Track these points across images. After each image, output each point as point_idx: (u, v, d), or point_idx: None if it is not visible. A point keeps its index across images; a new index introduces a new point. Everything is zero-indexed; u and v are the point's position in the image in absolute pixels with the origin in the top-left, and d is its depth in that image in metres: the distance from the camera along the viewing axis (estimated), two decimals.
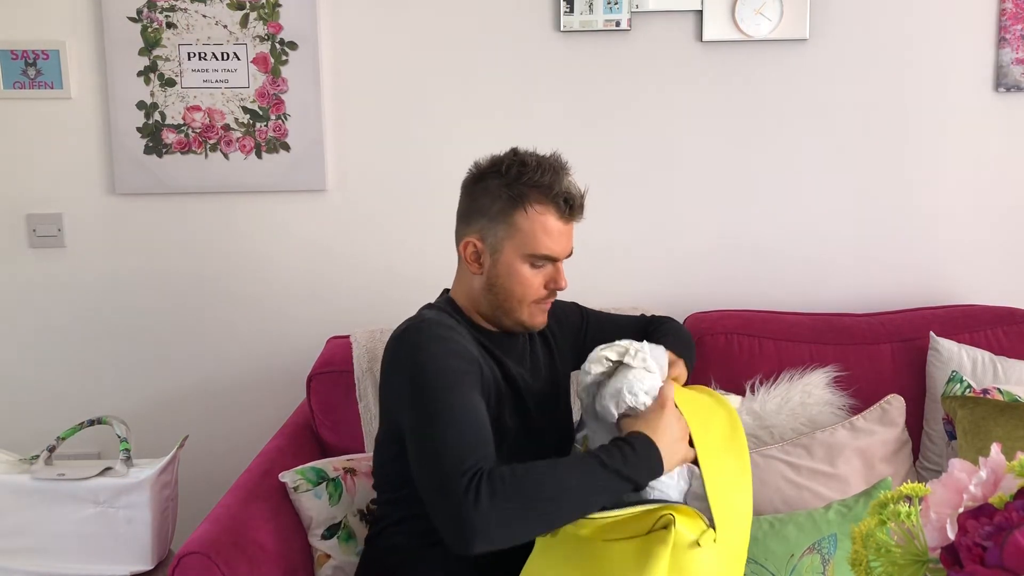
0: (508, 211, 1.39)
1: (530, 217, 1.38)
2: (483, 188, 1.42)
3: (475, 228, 1.43)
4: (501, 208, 1.40)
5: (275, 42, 2.14)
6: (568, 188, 1.40)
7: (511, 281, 1.41)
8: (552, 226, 1.39)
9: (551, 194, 1.38)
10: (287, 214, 2.22)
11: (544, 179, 1.38)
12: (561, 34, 2.14)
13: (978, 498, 0.74)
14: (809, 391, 1.87)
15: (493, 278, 1.42)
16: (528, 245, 1.39)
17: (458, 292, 1.50)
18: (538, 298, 1.43)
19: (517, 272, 1.40)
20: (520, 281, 1.41)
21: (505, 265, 1.41)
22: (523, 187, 1.38)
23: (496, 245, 1.41)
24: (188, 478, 1.97)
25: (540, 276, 1.42)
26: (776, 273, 2.21)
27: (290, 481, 1.65)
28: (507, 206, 1.39)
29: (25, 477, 1.73)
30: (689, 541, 1.22)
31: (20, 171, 2.20)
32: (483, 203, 1.42)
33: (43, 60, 2.15)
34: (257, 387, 2.26)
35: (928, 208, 2.19)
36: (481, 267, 1.43)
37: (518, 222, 1.39)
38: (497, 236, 1.40)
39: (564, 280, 1.44)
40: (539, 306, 1.44)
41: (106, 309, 2.24)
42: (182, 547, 1.41)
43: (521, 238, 1.39)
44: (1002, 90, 2.14)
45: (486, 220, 1.41)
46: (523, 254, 1.40)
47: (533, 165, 1.39)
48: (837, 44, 2.14)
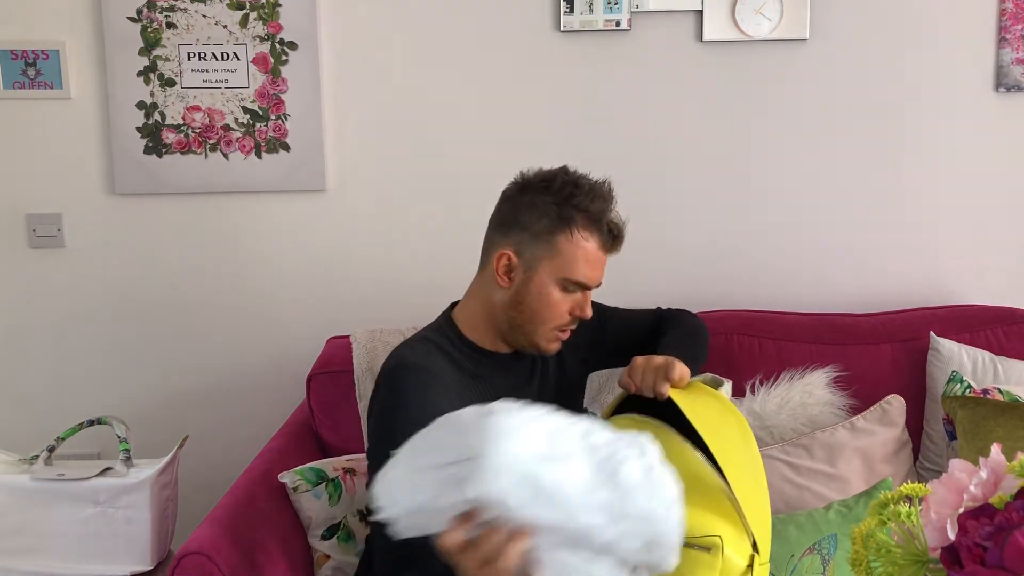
0: (552, 231, 1.36)
1: (574, 241, 1.36)
2: (529, 202, 1.38)
3: (512, 240, 1.39)
4: (546, 226, 1.36)
5: (275, 42, 2.14)
6: (615, 218, 1.39)
7: (540, 302, 1.38)
8: (593, 255, 1.38)
9: (600, 222, 1.37)
10: (287, 214, 2.22)
11: (594, 205, 1.36)
12: (561, 34, 2.14)
13: (978, 498, 0.74)
14: (809, 391, 1.87)
15: (522, 295, 1.39)
16: (566, 269, 1.37)
17: (469, 306, 1.46)
18: (561, 324, 1.41)
19: (548, 294, 1.38)
20: (548, 304, 1.38)
21: (537, 284, 1.38)
22: (572, 210, 1.36)
23: (532, 263, 1.38)
24: (188, 478, 1.97)
25: (568, 302, 1.39)
26: (776, 273, 2.21)
27: (289, 481, 1.65)
28: (553, 225, 1.36)
29: (25, 477, 1.73)
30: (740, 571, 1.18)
31: (20, 171, 2.20)
32: (527, 217, 1.38)
33: (43, 60, 2.15)
34: (257, 387, 2.26)
35: (928, 208, 2.19)
36: (511, 281, 1.39)
37: (560, 244, 1.36)
38: (535, 254, 1.37)
39: (590, 309, 1.42)
40: (559, 332, 1.42)
41: (106, 309, 2.24)
42: (182, 547, 1.41)
43: (560, 261, 1.36)
44: (1002, 90, 2.14)
45: (527, 235, 1.38)
46: (558, 277, 1.37)
47: (586, 189, 1.37)
48: (837, 44, 2.14)
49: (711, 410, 1.34)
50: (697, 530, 1.20)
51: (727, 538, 1.20)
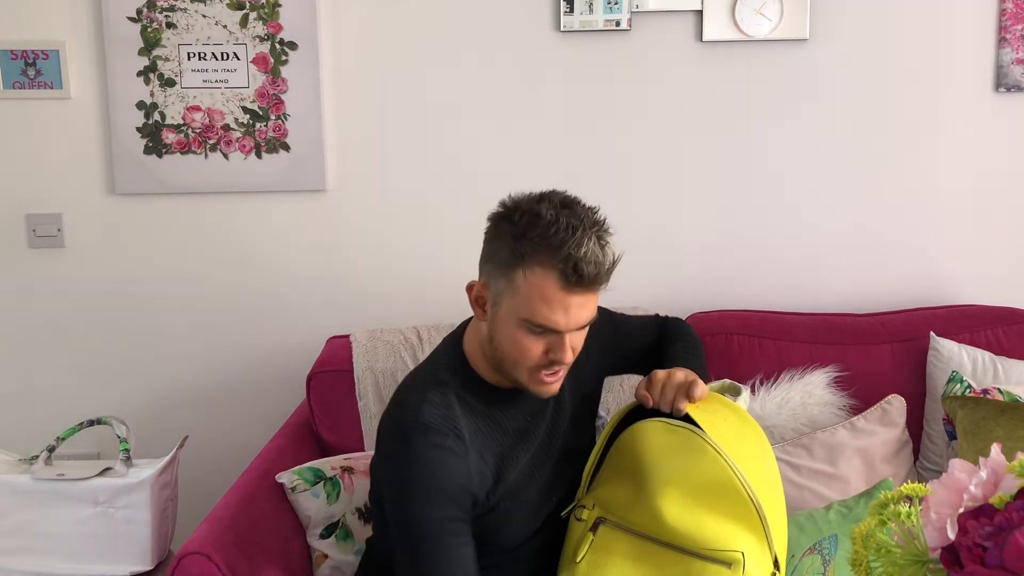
0: (510, 266, 1.23)
1: (528, 280, 1.21)
2: (497, 232, 1.26)
3: (484, 272, 1.29)
4: (504, 260, 1.24)
5: (275, 42, 2.14)
6: (581, 253, 1.19)
7: (508, 342, 1.26)
8: (552, 295, 1.21)
9: (556, 258, 1.19)
10: (287, 214, 2.22)
11: (555, 238, 1.19)
12: (561, 34, 2.14)
13: (978, 498, 0.74)
14: (809, 391, 1.87)
15: (493, 332, 1.28)
16: (523, 309, 1.22)
17: (472, 338, 1.37)
18: (537, 365, 1.27)
19: (512, 335, 1.25)
20: (515, 345, 1.25)
21: (502, 322, 1.26)
22: (528, 243, 1.21)
23: (497, 298, 1.26)
24: (188, 478, 1.97)
25: (540, 343, 1.25)
26: (776, 273, 2.21)
27: (288, 481, 1.65)
28: (510, 260, 1.23)
29: (25, 477, 1.73)
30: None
31: (20, 171, 2.20)
32: (494, 247, 1.27)
33: (43, 60, 2.15)
34: (257, 387, 2.26)
35: (928, 208, 2.19)
36: (485, 314, 1.30)
37: (516, 281, 1.22)
38: (499, 288, 1.25)
39: (566, 354, 1.25)
40: (542, 375, 1.28)
41: (106, 309, 2.24)
42: (182, 547, 1.41)
43: (518, 300, 1.23)
44: (1002, 90, 2.14)
45: (492, 267, 1.27)
46: (518, 317, 1.23)
47: (548, 220, 1.20)
48: (837, 44, 2.14)
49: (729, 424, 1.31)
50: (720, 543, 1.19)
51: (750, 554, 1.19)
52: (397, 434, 1.29)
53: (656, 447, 1.27)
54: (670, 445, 1.27)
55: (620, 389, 1.91)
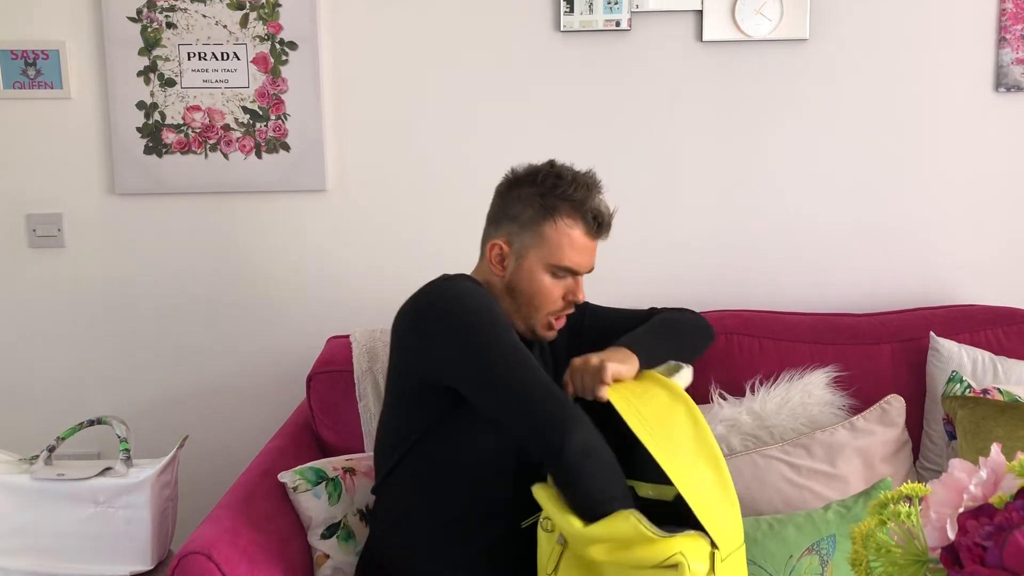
0: (538, 220, 1.45)
1: (559, 229, 1.45)
2: (516, 195, 1.48)
3: (503, 232, 1.49)
4: (531, 216, 1.46)
5: (275, 42, 2.14)
6: (599, 206, 1.47)
7: (532, 288, 1.46)
8: (578, 240, 1.46)
9: (582, 209, 1.45)
10: (287, 214, 2.22)
11: (577, 194, 1.45)
12: (561, 34, 2.14)
13: (978, 498, 0.74)
14: (809, 391, 1.87)
15: (515, 282, 1.47)
16: (553, 256, 1.45)
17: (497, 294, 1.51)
18: (555, 309, 1.48)
19: (538, 280, 1.46)
20: (540, 289, 1.46)
21: (527, 271, 1.46)
22: (555, 199, 1.44)
23: (522, 251, 1.47)
24: (188, 478, 1.97)
25: (560, 287, 1.47)
26: (776, 273, 2.21)
27: (289, 481, 1.65)
28: (538, 215, 1.45)
29: (25, 477, 1.73)
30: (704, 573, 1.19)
31: (20, 171, 2.20)
32: (515, 209, 1.47)
33: (43, 60, 2.15)
34: (257, 387, 2.26)
35: (928, 208, 2.19)
36: (504, 270, 1.48)
37: (546, 232, 1.45)
38: (524, 243, 1.46)
39: (582, 293, 1.50)
40: (553, 319, 1.49)
41: (106, 309, 2.24)
42: (182, 547, 1.41)
43: (548, 248, 1.45)
44: (1002, 90, 2.14)
45: (516, 226, 1.47)
46: (546, 263, 1.45)
47: (568, 179, 1.46)
48: (837, 44, 2.14)
49: (655, 404, 1.34)
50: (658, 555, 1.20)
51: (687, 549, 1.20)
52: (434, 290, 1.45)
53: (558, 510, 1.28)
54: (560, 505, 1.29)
55: None
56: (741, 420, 1.83)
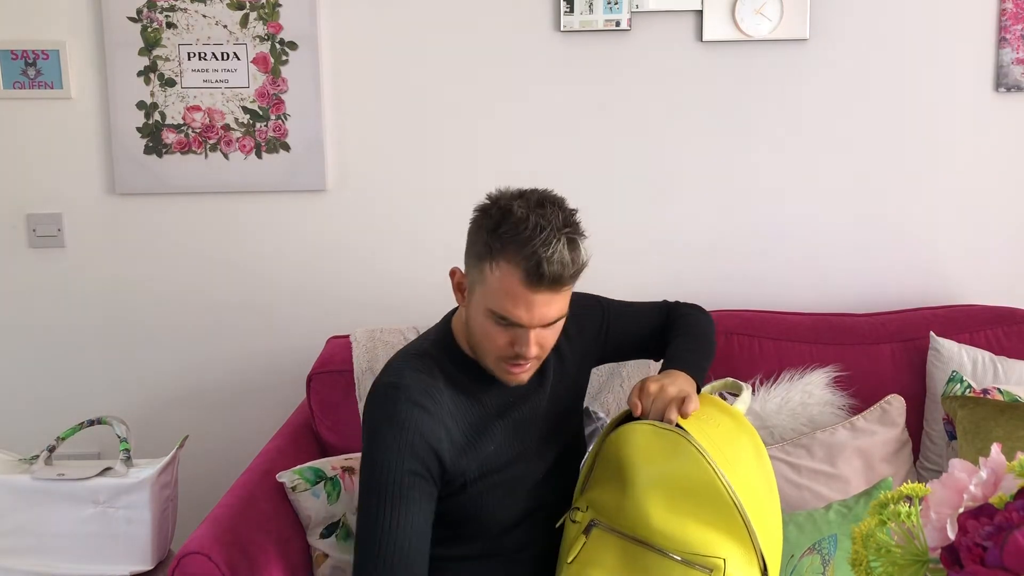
0: (481, 258, 1.29)
1: (495, 273, 1.26)
2: (477, 224, 1.32)
3: (465, 259, 1.36)
4: (478, 252, 1.30)
5: (275, 42, 2.14)
6: (548, 253, 1.22)
7: (476, 327, 1.33)
8: (515, 291, 1.25)
9: (520, 255, 1.23)
10: (287, 214, 2.22)
11: (521, 236, 1.23)
12: (561, 34, 2.14)
13: (978, 498, 0.74)
14: (809, 391, 1.87)
15: (468, 318, 1.35)
16: (489, 300, 1.28)
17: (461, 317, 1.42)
18: (503, 355, 1.32)
19: (481, 323, 1.31)
20: (483, 333, 1.31)
21: (474, 309, 1.32)
22: (497, 239, 1.25)
23: (472, 287, 1.33)
24: (188, 478, 1.97)
25: (505, 335, 1.29)
26: (776, 273, 2.21)
27: (288, 481, 1.65)
28: (481, 252, 1.28)
29: (25, 477, 1.73)
30: None
31: (20, 171, 2.20)
32: (472, 239, 1.33)
33: (43, 60, 2.15)
34: (257, 387, 2.26)
35: (928, 208, 2.19)
36: (464, 299, 1.36)
37: (485, 274, 1.28)
38: (472, 279, 1.32)
39: (530, 349, 1.29)
40: (508, 365, 1.33)
41: (106, 309, 2.24)
42: (182, 547, 1.41)
43: (485, 291, 1.28)
44: (1002, 90, 2.14)
45: (469, 257, 1.33)
46: (485, 307, 1.29)
47: (518, 217, 1.24)
48: (837, 44, 2.14)
49: (721, 430, 1.31)
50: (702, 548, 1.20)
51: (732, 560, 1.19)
52: (376, 393, 1.36)
53: (643, 450, 1.28)
54: (657, 448, 1.27)
55: (621, 390, 1.91)
56: None
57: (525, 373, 1.35)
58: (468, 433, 1.37)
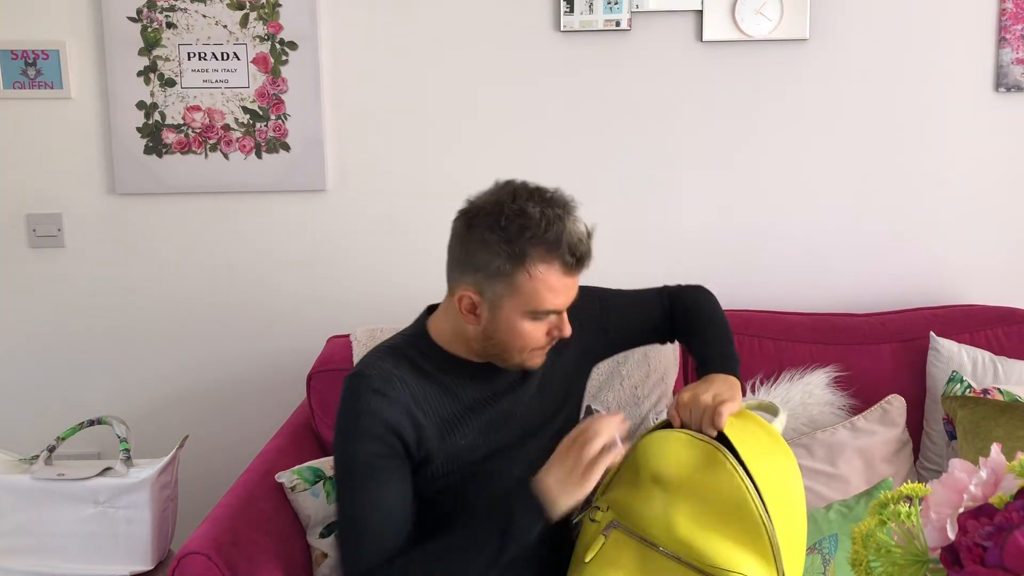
0: (508, 271, 1.27)
1: (534, 277, 1.27)
2: (480, 240, 1.29)
3: (470, 280, 1.31)
4: (500, 267, 1.27)
5: (275, 42, 2.14)
6: (574, 237, 1.27)
7: (511, 335, 1.32)
8: (557, 283, 1.28)
9: (557, 251, 1.26)
10: (287, 214, 2.22)
11: (549, 234, 1.26)
12: (561, 34, 2.14)
13: (978, 498, 0.74)
14: (809, 391, 1.87)
15: (491, 331, 1.33)
16: (530, 304, 1.29)
17: (443, 324, 1.40)
18: (538, 347, 1.36)
19: (518, 327, 1.31)
20: (521, 335, 1.32)
21: (505, 320, 1.31)
22: (525, 244, 1.26)
23: (495, 301, 1.30)
24: (188, 478, 1.97)
25: (543, 326, 1.33)
26: (776, 273, 2.21)
27: (287, 481, 1.65)
28: (507, 264, 1.27)
29: (25, 477, 1.73)
30: None
31: (20, 171, 2.20)
32: (480, 258, 1.29)
33: (43, 60, 2.15)
34: (257, 387, 2.26)
35: (928, 208, 2.19)
36: (478, 319, 1.33)
37: (519, 283, 1.27)
38: (496, 292, 1.29)
39: (568, 327, 1.35)
40: (539, 351, 1.37)
41: (106, 309, 2.24)
42: (182, 547, 1.41)
43: (523, 297, 1.28)
44: (1002, 90, 2.14)
45: (483, 275, 1.29)
46: (524, 311, 1.30)
47: (536, 218, 1.26)
48: (837, 44, 2.14)
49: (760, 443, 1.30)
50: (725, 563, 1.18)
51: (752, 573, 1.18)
52: (344, 387, 1.37)
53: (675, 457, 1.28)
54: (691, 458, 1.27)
55: (621, 388, 1.91)
56: None
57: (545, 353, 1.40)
58: (439, 424, 1.36)
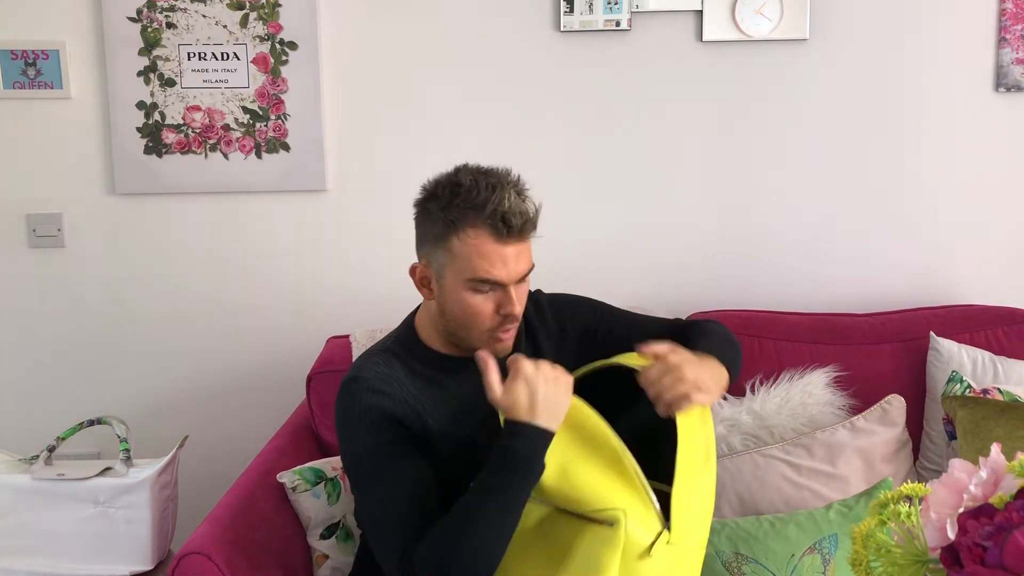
0: (444, 236, 1.32)
1: (464, 242, 1.30)
2: (425, 212, 1.37)
3: (422, 253, 1.39)
4: (438, 234, 1.33)
5: (275, 42, 2.14)
6: (505, 206, 1.29)
7: (458, 308, 1.34)
8: (488, 249, 1.30)
9: (483, 215, 1.29)
10: (287, 214, 2.22)
11: (478, 199, 1.29)
12: (561, 34, 2.14)
13: (978, 498, 0.74)
14: (809, 391, 1.87)
15: (443, 304, 1.36)
16: (466, 271, 1.31)
17: (423, 315, 1.45)
18: (491, 326, 1.35)
19: (463, 299, 1.33)
20: (466, 308, 1.33)
21: (450, 291, 1.34)
22: (456, 210, 1.31)
23: (440, 272, 1.35)
24: (188, 478, 1.97)
25: (490, 302, 1.33)
26: (776, 273, 2.21)
27: (288, 481, 1.65)
28: (443, 231, 1.32)
29: (25, 477, 1.73)
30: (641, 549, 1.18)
31: (20, 171, 2.20)
32: (425, 228, 1.37)
33: (43, 60, 2.15)
34: (257, 387, 2.26)
35: (928, 208, 2.19)
36: (432, 292, 1.38)
37: (454, 248, 1.31)
38: (440, 262, 1.34)
39: (515, 306, 1.33)
40: (495, 334, 1.35)
41: (106, 309, 2.24)
42: (182, 547, 1.41)
43: (459, 264, 1.31)
44: (1002, 90, 2.14)
45: (429, 246, 1.36)
46: (463, 280, 1.32)
47: (468, 185, 1.31)
48: (837, 44, 2.14)
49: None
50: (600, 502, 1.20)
51: (631, 511, 1.20)
52: (340, 391, 1.38)
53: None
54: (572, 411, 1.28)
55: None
56: (741, 420, 1.83)
57: (511, 339, 1.38)
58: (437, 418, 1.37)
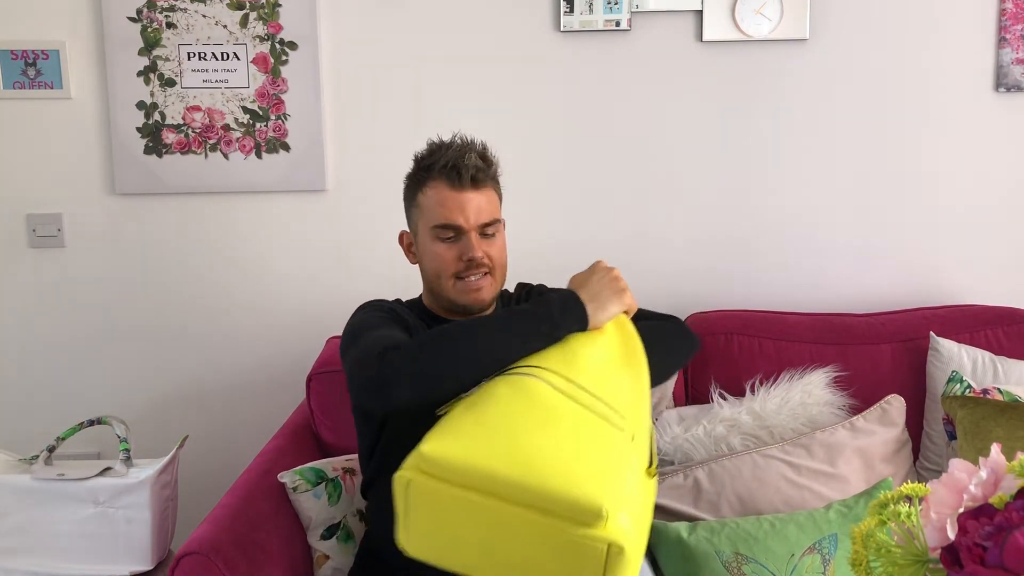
0: (414, 196, 1.50)
1: (426, 195, 1.47)
2: (407, 183, 1.53)
3: (407, 220, 1.55)
4: (411, 194, 1.51)
5: (275, 42, 2.14)
6: (463, 160, 1.44)
7: (428, 258, 1.48)
8: (445, 196, 1.45)
9: (441, 168, 1.45)
10: (287, 214, 2.22)
11: (440, 156, 1.46)
12: (561, 34, 2.14)
13: (978, 498, 0.74)
14: (809, 391, 1.87)
15: (421, 263, 1.52)
16: (430, 220, 1.46)
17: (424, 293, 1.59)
18: (456, 271, 1.46)
19: (431, 249, 1.47)
20: (434, 258, 1.47)
21: (422, 246, 1.49)
22: (423, 171, 1.48)
23: (415, 230, 1.51)
24: (188, 478, 1.97)
25: (453, 250, 1.46)
26: (776, 273, 2.21)
27: (289, 481, 1.65)
28: (413, 191, 1.50)
29: (25, 477, 1.73)
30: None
31: (20, 171, 2.20)
32: (406, 194, 1.53)
33: (43, 60, 2.15)
34: (257, 387, 2.26)
35: (928, 208, 2.19)
36: (415, 256, 1.54)
37: (421, 201, 1.48)
38: (415, 221, 1.51)
39: (475, 250, 1.44)
40: (463, 283, 1.47)
41: (106, 309, 2.24)
42: (182, 547, 1.41)
43: (426, 216, 1.47)
44: (1002, 90, 2.14)
45: (408, 211, 1.53)
46: (429, 229, 1.46)
47: (436, 145, 1.48)
48: (837, 44, 2.14)
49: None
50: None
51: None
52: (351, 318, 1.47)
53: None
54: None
55: None
56: (741, 420, 1.83)
57: (484, 289, 1.47)
58: None
